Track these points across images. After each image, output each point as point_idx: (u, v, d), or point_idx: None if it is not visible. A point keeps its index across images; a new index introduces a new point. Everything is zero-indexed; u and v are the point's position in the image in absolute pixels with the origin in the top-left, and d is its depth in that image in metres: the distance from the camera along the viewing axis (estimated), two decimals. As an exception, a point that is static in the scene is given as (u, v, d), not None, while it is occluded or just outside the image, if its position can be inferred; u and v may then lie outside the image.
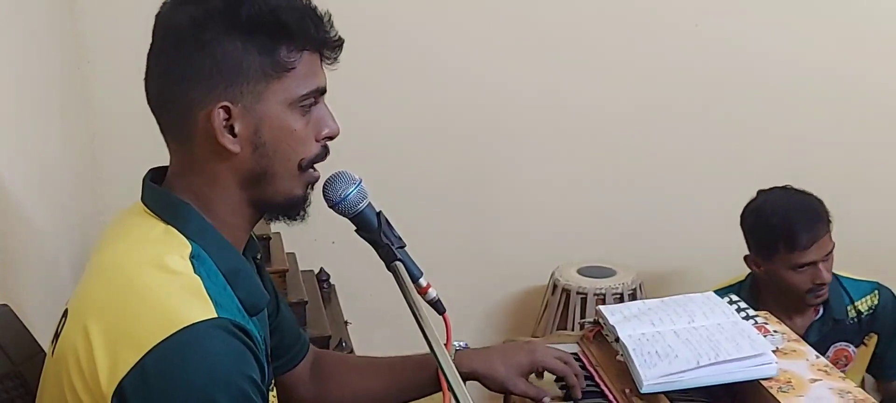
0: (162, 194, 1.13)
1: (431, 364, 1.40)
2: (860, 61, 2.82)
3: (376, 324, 2.55)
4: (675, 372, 1.42)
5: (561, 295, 2.63)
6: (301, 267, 2.41)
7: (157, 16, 1.11)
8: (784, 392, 1.37)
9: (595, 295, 2.57)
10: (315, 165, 1.17)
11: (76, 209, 2.06)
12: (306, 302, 2.13)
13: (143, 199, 1.15)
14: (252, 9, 1.06)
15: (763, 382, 1.40)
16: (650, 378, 1.42)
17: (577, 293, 2.59)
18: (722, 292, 1.76)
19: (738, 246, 2.25)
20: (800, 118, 2.84)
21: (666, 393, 1.42)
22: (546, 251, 2.78)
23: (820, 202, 2.15)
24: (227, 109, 1.07)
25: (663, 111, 2.77)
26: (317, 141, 1.15)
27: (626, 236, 2.85)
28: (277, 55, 1.08)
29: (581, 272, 2.68)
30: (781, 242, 2.09)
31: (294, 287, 2.19)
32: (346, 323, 2.38)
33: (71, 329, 1.06)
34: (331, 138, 1.17)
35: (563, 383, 1.51)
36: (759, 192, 2.23)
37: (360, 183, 1.22)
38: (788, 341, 1.57)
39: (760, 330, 1.55)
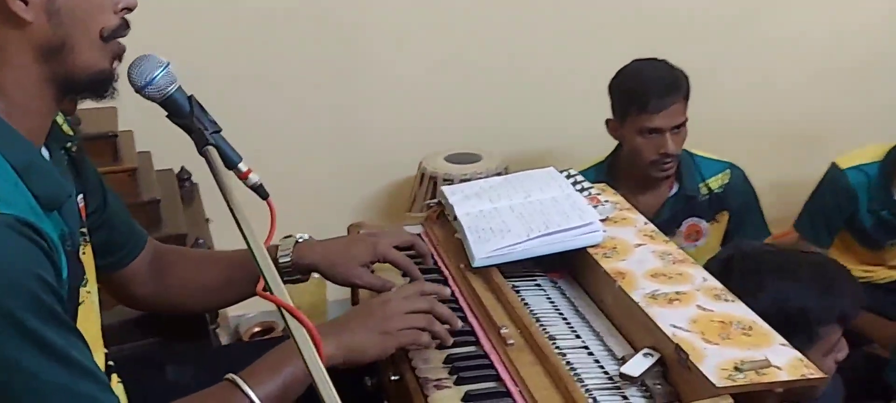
0: None
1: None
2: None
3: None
4: (505, 246, 1.45)
5: (428, 183, 2.63)
6: (157, 167, 2.34)
7: None
8: (607, 257, 1.42)
9: (461, 181, 2.57)
10: (118, 38, 1.11)
11: None
12: (158, 201, 2.08)
13: None
14: None
15: (589, 249, 1.45)
16: (481, 253, 1.44)
17: (444, 180, 2.60)
18: (583, 174, 1.80)
19: (602, 128, 2.30)
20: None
21: (499, 267, 1.45)
22: (414, 141, 2.78)
23: (683, 76, 2.20)
24: None
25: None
26: (115, 13, 1.10)
27: (492, 122, 2.87)
28: None
29: (448, 159, 2.69)
30: (634, 105, 2.16)
31: (147, 185, 2.13)
32: (207, 220, 2.34)
33: None
34: (129, 9, 1.12)
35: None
36: (634, 60, 2.27)
37: (168, 65, 1.16)
38: (620, 210, 1.62)
39: (592, 201, 1.59)
